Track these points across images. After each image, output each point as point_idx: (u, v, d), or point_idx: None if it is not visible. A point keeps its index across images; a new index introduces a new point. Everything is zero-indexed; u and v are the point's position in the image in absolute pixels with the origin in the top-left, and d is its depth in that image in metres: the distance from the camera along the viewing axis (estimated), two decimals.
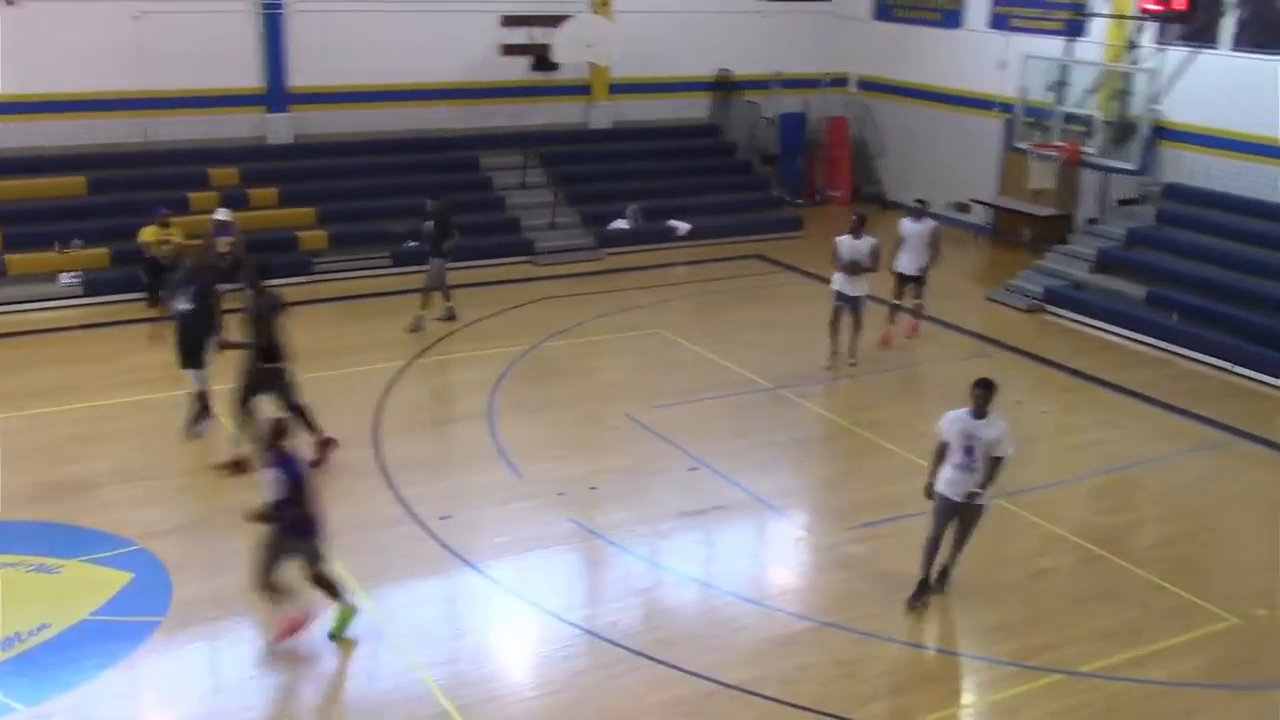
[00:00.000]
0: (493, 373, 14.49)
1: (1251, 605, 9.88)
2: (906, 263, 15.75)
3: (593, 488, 11.59)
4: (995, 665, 9.00)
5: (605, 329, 16.52)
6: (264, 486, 8.56)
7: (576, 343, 15.95)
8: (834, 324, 14.80)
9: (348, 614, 8.99)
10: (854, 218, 14.82)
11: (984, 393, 9.20)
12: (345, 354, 14.94)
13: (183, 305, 11.78)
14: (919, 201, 16.42)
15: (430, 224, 15.97)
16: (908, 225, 15.79)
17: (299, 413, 11.43)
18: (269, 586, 8.71)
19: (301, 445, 9.92)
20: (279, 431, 8.66)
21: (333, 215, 19.11)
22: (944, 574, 9.78)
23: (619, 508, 11.22)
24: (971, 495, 9.25)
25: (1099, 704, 8.54)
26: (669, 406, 13.63)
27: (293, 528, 8.57)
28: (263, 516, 8.58)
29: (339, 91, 20.35)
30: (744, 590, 9.96)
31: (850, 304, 14.66)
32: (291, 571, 8.78)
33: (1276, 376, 15.05)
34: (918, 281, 15.97)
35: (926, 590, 9.67)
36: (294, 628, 8.84)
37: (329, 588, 8.90)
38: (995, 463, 9.22)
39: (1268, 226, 17.12)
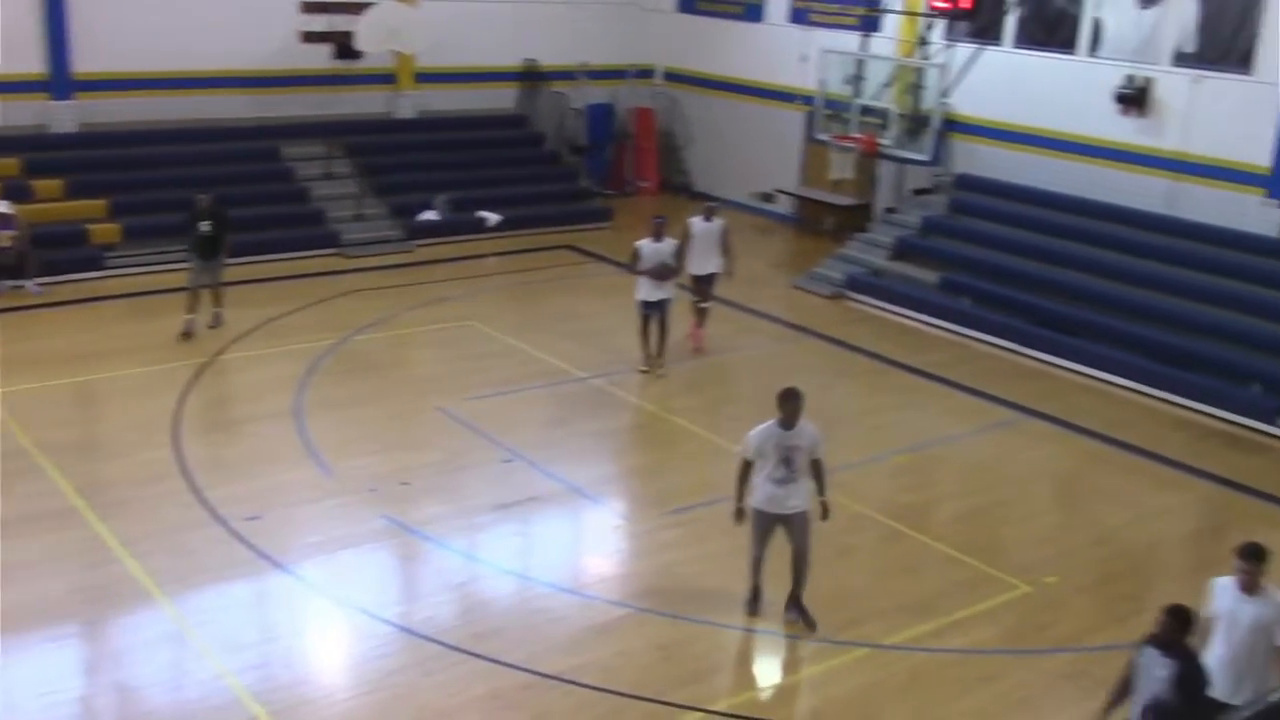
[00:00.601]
0: (300, 368, 14.12)
1: (1041, 574, 10.42)
2: (697, 263, 15.36)
3: (405, 483, 11.42)
4: (805, 642, 9.26)
5: (416, 322, 16.29)
6: None
7: (386, 336, 15.69)
8: (645, 331, 14.55)
9: None
10: (655, 220, 14.54)
11: (796, 404, 8.95)
12: (142, 352, 14.33)
13: None
14: (709, 202, 16.10)
15: (207, 224, 14.87)
16: (698, 225, 15.34)
17: None
18: None
19: None
20: None
21: (126, 208, 18.26)
22: (799, 604, 9.38)
23: (432, 502, 11.10)
24: (825, 510, 9.20)
25: (903, 675, 8.89)
26: (482, 399, 13.55)
27: None
28: None
29: (129, 78, 19.43)
30: (561, 580, 9.99)
31: (658, 309, 14.41)
32: None
33: (1061, 357, 15.90)
34: (708, 282, 15.63)
35: (760, 598, 9.49)
36: None
37: None
38: (819, 465, 9.13)
39: (1052, 215, 18.06)
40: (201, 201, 14.93)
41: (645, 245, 14.27)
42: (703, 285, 15.60)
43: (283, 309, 16.24)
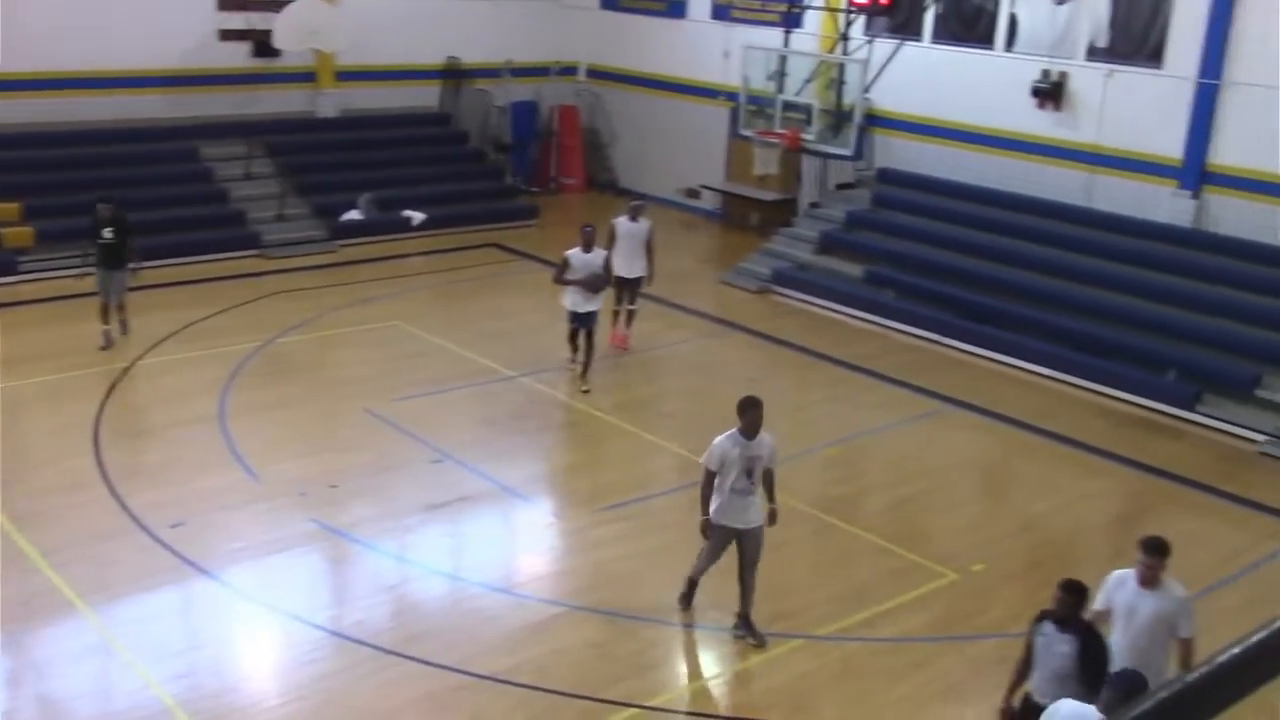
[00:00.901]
0: (223, 372, 13.91)
1: (968, 561, 10.59)
2: (622, 265, 14.84)
3: (334, 486, 11.30)
4: (739, 635, 9.30)
5: (341, 322, 16.12)
6: None
7: (311, 338, 15.51)
8: (573, 338, 14.13)
9: None
10: (584, 229, 13.95)
11: (758, 413, 8.78)
12: (59, 357, 14.02)
13: None
14: (635, 200, 15.66)
15: (109, 231, 14.27)
16: (623, 225, 14.90)
17: None
18: None
19: None
20: None
21: (40, 211, 17.83)
22: (748, 621, 9.16)
23: (362, 505, 10.99)
24: (773, 516, 9.18)
25: (836, 665, 8.98)
26: (409, 399, 13.44)
27: None
28: None
29: (42, 78, 18.96)
30: (494, 580, 9.94)
31: (587, 322, 13.89)
32: None
33: (984, 348, 16.15)
34: (635, 285, 15.14)
35: (694, 590, 9.39)
36: None
37: None
38: (770, 474, 9.07)
39: (972, 208, 18.34)
40: (102, 210, 14.36)
41: (575, 255, 13.81)
42: (628, 288, 15.14)
43: (205, 311, 15.98)
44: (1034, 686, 7.08)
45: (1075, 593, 6.86)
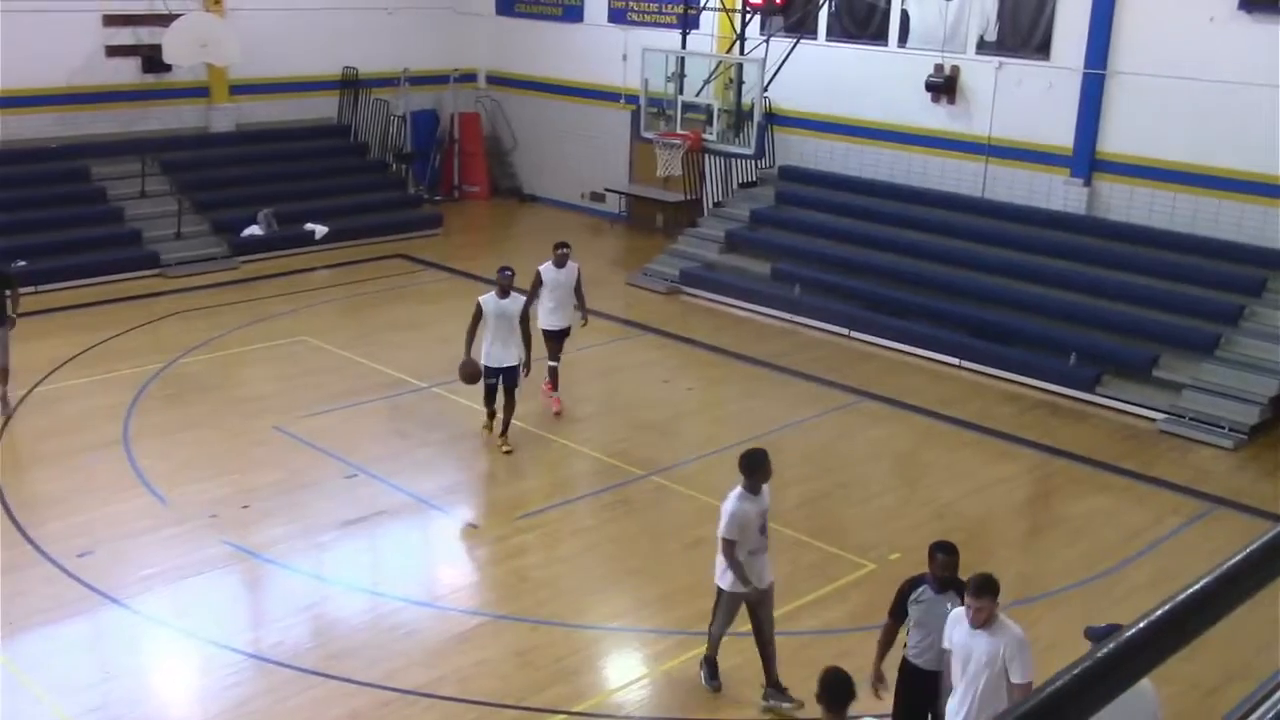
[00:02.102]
0: (126, 396, 13.58)
1: (885, 551, 10.74)
2: (549, 317, 13.28)
3: (245, 506, 11.10)
4: (663, 635, 9.34)
5: (245, 340, 15.84)
6: None
7: (215, 357, 15.21)
8: (491, 399, 12.61)
9: None
10: (502, 272, 12.32)
11: (769, 468, 8.27)
12: None
13: None
14: (561, 245, 13.37)
15: None
16: (549, 273, 13.15)
17: None
18: None
19: None
20: None
21: None
22: (777, 684, 8.49)
23: (275, 524, 10.81)
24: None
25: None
26: (319, 415, 13.26)
27: None
28: None
29: None
30: (414, 593, 9.85)
31: (507, 377, 12.28)
32: None
33: (890, 339, 16.39)
34: (561, 338, 13.51)
35: (716, 668, 8.71)
36: None
37: None
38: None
39: (873, 202, 18.61)
40: None
41: (488, 300, 12.25)
42: (555, 342, 13.47)
43: (104, 334, 15.59)
44: (913, 651, 7.20)
45: (954, 553, 7.06)
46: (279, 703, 8.31)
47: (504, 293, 12.23)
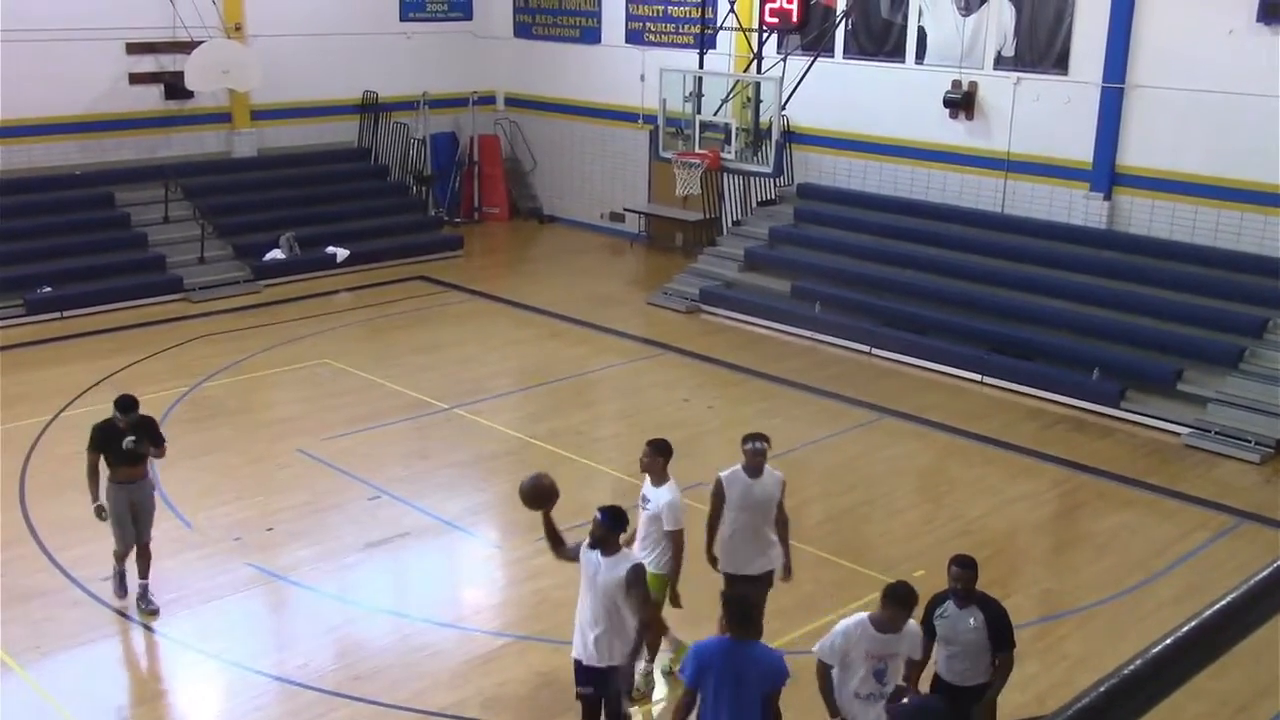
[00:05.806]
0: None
1: (910, 568, 10.66)
2: (734, 554, 8.71)
3: (269, 529, 11.15)
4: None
5: (269, 363, 15.92)
6: None
7: (239, 380, 15.30)
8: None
9: None
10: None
11: (914, 601, 6.78)
12: None
13: None
14: (753, 439, 8.76)
15: (130, 440, 9.73)
16: (740, 481, 8.62)
17: None
18: None
19: None
20: None
21: None
22: None
23: (300, 546, 10.85)
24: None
25: None
26: (342, 437, 13.31)
27: None
28: None
29: None
30: (438, 615, 9.86)
31: (600, 682, 7.57)
32: None
33: (911, 356, 16.35)
34: (761, 587, 8.84)
35: None
36: None
37: None
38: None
39: (892, 219, 18.60)
40: (119, 420, 9.80)
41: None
42: (744, 589, 8.37)
43: (128, 359, 15.70)
44: (943, 667, 7.21)
45: (970, 566, 7.09)
46: None
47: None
